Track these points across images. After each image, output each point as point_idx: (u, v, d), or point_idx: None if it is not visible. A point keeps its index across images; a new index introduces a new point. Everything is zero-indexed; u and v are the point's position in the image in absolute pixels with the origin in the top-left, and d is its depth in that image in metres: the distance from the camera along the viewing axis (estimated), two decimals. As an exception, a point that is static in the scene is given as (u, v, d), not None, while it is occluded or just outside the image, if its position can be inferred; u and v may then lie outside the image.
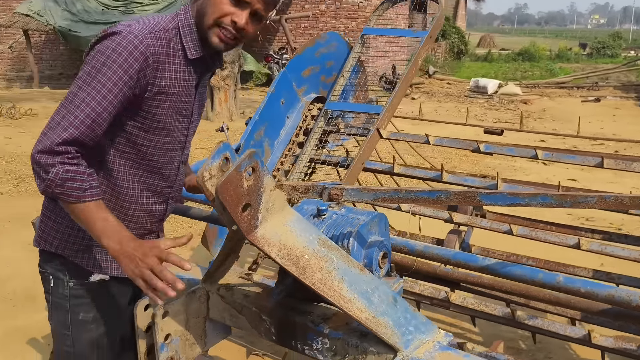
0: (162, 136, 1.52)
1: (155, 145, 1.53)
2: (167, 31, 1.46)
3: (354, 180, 2.68)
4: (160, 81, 1.45)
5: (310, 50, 3.09)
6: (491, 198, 1.41)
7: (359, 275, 1.40)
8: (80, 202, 1.36)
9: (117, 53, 1.36)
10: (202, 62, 1.55)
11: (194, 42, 1.49)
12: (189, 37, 1.48)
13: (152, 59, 1.40)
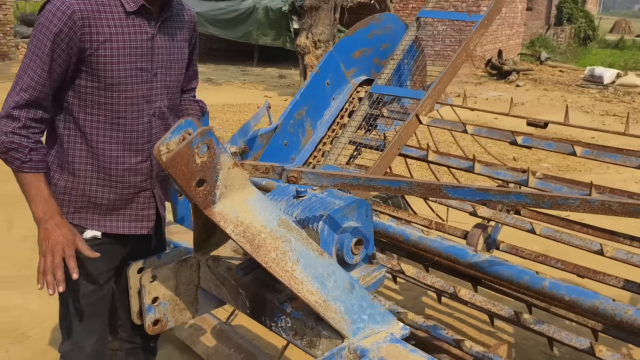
0: (120, 91, 1.57)
1: (118, 102, 1.58)
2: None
3: (387, 165, 2.64)
4: (96, 37, 1.50)
5: (362, 32, 3.06)
6: (458, 192, 1.36)
7: (317, 259, 1.40)
8: (20, 171, 1.51)
9: (46, 19, 1.47)
10: (147, 13, 1.58)
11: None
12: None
13: (78, 18, 1.47)
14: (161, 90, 1.68)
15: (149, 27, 1.60)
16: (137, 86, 1.60)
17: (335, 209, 1.53)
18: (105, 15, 1.52)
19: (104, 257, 1.68)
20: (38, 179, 1.53)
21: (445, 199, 1.49)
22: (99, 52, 1.52)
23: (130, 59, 1.57)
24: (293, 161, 2.88)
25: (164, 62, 1.66)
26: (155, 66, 1.64)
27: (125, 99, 1.59)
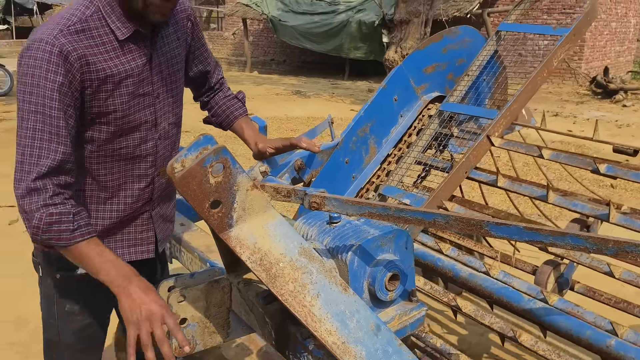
0: (123, 123, 1.44)
1: (120, 134, 1.44)
2: (84, 21, 1.35)
3: (452, 189, 2.45)
4: (95, 75, 1.35)
5: (436, 46, 2.89)
6: (502, 230, 1.17)
7: (339, 295, 1.27)
8: (72, 244, 1.30)
9: (37, 68, 1.28)
10: (141, 36, 1.42)
11: (122, 21, 1.38)
12: (114, 17, 1.37)
13: (74, 57, 1.31)
14: (166, 109, 1.55)
15: (145, 48, 1.45)
16: (140, 114, 1.47)
17: (369, 239, 1.39)
18: (99, 48, 1.36)
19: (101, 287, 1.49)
20: (95, 243, 1.33)
21: (487, 236, 1.30)
22: (101, 87, 1.38)
23: (132, 88, 1.43)
24: (354, 180, 2.75)
25: (164, 80, 1.52)
26: (157, 87, 1.49)
27: (128, 129, 1.45)
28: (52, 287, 1.58)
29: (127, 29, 1.39)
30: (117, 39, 1.39)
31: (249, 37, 17.69)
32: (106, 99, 1.39)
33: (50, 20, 1.36)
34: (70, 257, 1.35)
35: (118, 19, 1.38)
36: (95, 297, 1.57)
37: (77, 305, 1.59)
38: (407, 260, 1.47)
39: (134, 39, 1.41)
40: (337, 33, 13.91)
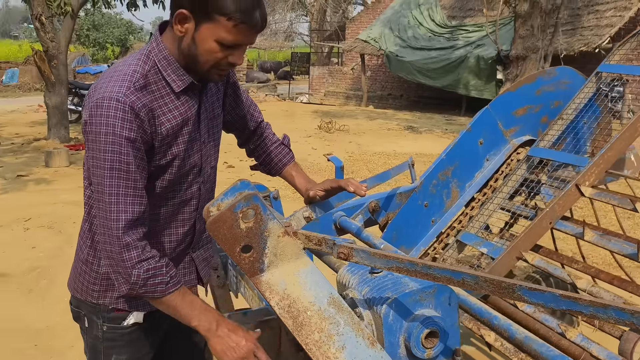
0: (179, 169, 1.50)
1: (170, 179, 1.50)
2: (145, 77, 1.40)
3: (534, 239, 2.31)
4: (162, 127, 1.42)
5: (528, 88, 2.77)
6: (536, 296, 1.09)
7: (366, 349, 1.24)
8: (166, 294, 1.39)
9: (110, 126, 1.33)
10: (193, 88, 1.49)
11: (177, 74, 1.44)
12: (170, 70, 1.43)
13: (143, 113, 1.37)
14: (209, 153, 1.62)
15: (195, 97, 1.52)
16: (191, 159, 1.53)
17: (406, 293, 1.34)
18: (161, 100, 1.43)
19: (147, 340, 1.64)
20: (185, 292, 1.42)
21: (520, 301, 1.21)
22: (164, 141, 1.44)
23: (187, 137, 1.50)
24: (434, 224, 2.67)
25: (208, 126, 1.59)
26: (203, 133, 1.56)
27: (179, 175, 1.52)
28: (99, 339, 1.61)
29: (183, 82, 1.45)
30: (173, 91, 1.45)
31: (367, 72, 17.93)
32: (170, 148, 1.46)
33: (111, 77, 1.39)
34: (161, 306, 1.42)
35: (174, 72, 1.44)
36: (142, 347, 1.64)
37: (124, 356, 1.62)
38: (450, 317, 1.40)
39: (187, 90, 1.48)
40: (454, 68, 13.72)
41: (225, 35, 1.36)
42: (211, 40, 1.38)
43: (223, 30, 1.36)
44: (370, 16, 19.26)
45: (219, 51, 1.39)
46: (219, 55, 1.40)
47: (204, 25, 1.37)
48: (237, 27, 1.36)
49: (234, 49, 1.41)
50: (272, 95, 19.95)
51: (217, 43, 1.38)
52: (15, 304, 3.57)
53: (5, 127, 11.61)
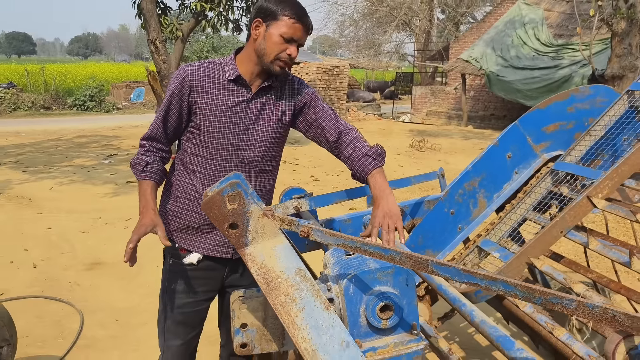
0: (213, 138, 2.00)
1: (211, 146, 2.01)
2: (212, 64, 2.04)
3: (545, 246, 2.44)
4: (200, 95, 1.98)
5: (560, 105, 2.89)
6: (443, 269, 1.34)
7: (321, 311, 1.52)
8: (139, 178, 1.99)
9: (171, 81, 2.04)
10: (242, 83, 2.02)
11: (232, 69, 2.01)
12: (230, 67, 2.02)
13: (189, 78, 1.98)
14: (252, 142, 2.06)
15: (246, 92, 2.02)
16: (227, 136, 2.02)
17: (365, 271, 1.61)
18: (210, 80, 2.01)
19: (200, 279, 2.09)
20: (147, 184, 1.98)
21: (432, 274, 1.43)
22: (201, 107, 1.99)
23: (224, 114, 2.00)
24: (460, 231, 2.86)
25: (256, 121, 2.05)
26: (247, 122, 2.03)
27: (216, 145, 2.02)
28: (167, 269, 2.16)
29: (230, 75, 2.01)
30: (227, 78, 2.01)
31: (470, 92, 17.77)
32: (204, 115, 2.00)
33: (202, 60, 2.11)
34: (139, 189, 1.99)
35: (231, 67, 2.03)
36: (196, 284, 2.12)
37: (181, 286, 2.12)
38: (407, 296, 1.64)
39: (238, 83, 2.02)
40: (557, 88, 13.30)
41: (286, 30, 1.94)
42: (276, 34, 1.95)
43: (285, 26, 1.94)
44: (474, 36, 19.11)
45: (281, 43, 1.95)
46: (281, 47, 1.95)
47: (272, 25, 1.96)
48: (294, 25, 1.94)
49: (290, 43, 1.96)
50: (373, 114, 20.31)
51: (280, 36, 1.94)
52: (107, 287, 4.17)
53: (126, 140, 12.94)
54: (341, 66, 19.14)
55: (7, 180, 8.08)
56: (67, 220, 5.90)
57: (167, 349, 2.20)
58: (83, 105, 22.98)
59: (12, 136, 14.04)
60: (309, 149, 11.42)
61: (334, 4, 25.34)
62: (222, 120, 2.01)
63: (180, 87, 1.99)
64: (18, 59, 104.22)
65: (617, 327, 1.16)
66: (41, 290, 4.07)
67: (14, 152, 11.02)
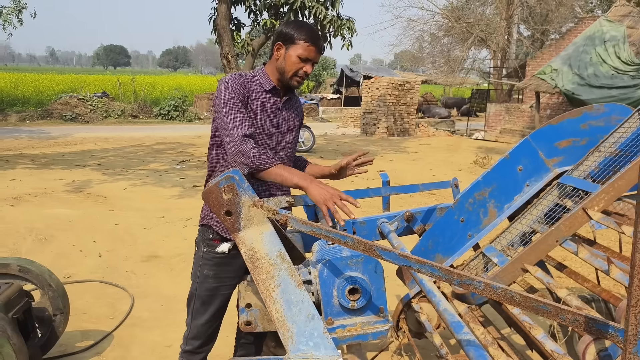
0: (259, 138, 2.33)
1: (257, 139, 2.30)
2: (248, 77, 2.38)
3: (539, 254, 2.57)
4: (252, 100, 2.32)
5: (572, 122, 3.01)
6: (386, 254, 1.57)
7: (294, 288, 1.78)
8: (274, 165, 2.17)
9: (225, 85, 2.28)
10: (276, 92, 2.40)
11: (266, 80, 2.39)
12: (263, 78, 2.39)
13: (241, 83, 2.31)
14: (284, 143, 2.44)
15: (277, 101, 2.40)
16: (268, 137, 2.38)
17: (338, 257, 1.87)
18: (253, 89, 2.37)
19: (228, 267, 2.40)
20: (286, 165, 2.26)
21: (378, 258, 1.65)
22: (252, 110, 2.34)
23: (265, 118, 2.36)
24: (470, 238, 3.02)
25: (285, 125, 2.43)
26: (280, 126, 2.41)
27: (260, 138, 2.36)
28: (200, 256, 2.48)
29: (269, 84, 2.40)
30: (264, 88, 2.39)
31: (547, 110, 17.38)
32: (250, 112, 2.32)
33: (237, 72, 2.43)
34: (271, 176, 2.19)
35: (265, 79, 2.41)
36: (224, 271, 2.43)
37: (211, 272, 2.45)
38: (376, 282, 1.88)
39: (272, 92, 2.40)
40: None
41: (302, 52, 2.32)
42: (294, 55, 2.33)
43: (301, 49, 2.32)
44: (552, 54, 18.70)
45: (298, 62, 2.33)
46: (298, 66, 2.34)
47: (291, 48, 2.34)
48: (309, 48, 2.32)
49: (306, 62, 2.35)
50: (444, 130, 20.23)
51: (298, 57, 2.32)
52: (158, 277, 4.62)
53: (200, 148, 13.71)
54: (412, 82, 19.24)
55: (89, 180, 8.88)
56: (134, 218, 6.48)
57: (193, 327, 2.52)
58: (167, 115, 24.35)
59: (101, 141, 15.19)
60: (371, 162, 11.66)
61: (410, 20, 25.48)
62: (266, 122, 2.36)
63: (241, 91, 2.29)
64: (114, 70, 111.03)
65: (515, 305, 1.36)
66: (102, 276, 4.58)
67: (99, 156, 11.98)
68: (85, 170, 9.94)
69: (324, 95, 34.20)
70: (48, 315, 2.87)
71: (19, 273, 2.79)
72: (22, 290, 2.72)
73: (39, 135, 16.56)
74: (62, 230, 5.85)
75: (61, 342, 3.24)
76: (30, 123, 21.18)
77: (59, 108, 23.22)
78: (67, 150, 13.04)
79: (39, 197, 7.41)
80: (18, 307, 2.60)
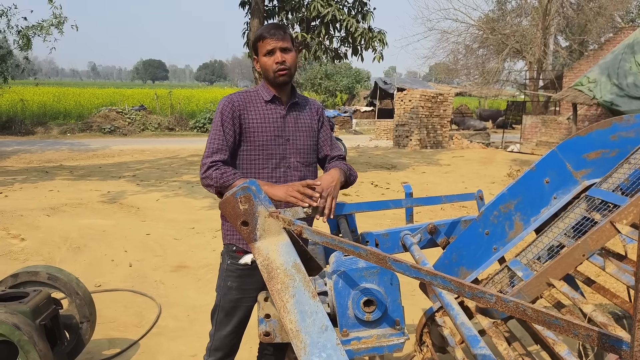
0: (262, 151, 2.36)
1: (261, 157, 2.38)
2: (249, 92, 2.47)
3: (565, 269, 2.52)
4: (246, 117, 2.37)
5: (601, 133, 2.94)
6: (398, 265, 1.57)
7: (308, 299, 1.78)
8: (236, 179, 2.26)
9: (219, 107, 2.40)
10: (278, 101, 2.45)
11: (266, 92, 2.45)
12: (264, 91, 2.46)
13: (236, 106, 2.38)
14: (293, 150, 2.44)
15: (281, 109, 2.42)
16: (274, 147, 2.39)
17: (353, 269, 1.86)
18: (251, 105, 2.39)
19: (251, 279, 2.41)
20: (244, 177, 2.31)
21: (390, 269, 1.63)
22: (249, 127, 2.36)
23: (268, 129, 2.38)
24: (495, 251, 2.97)
25: (293, 132, 2.43)
26: (287, 134, 2.42)
27: (265, 155, 2.38)
28: (224, 268, 2.52)
29: (268, 94, 2.45)
30: (264, 100, 2.43)
31: (585, 122, 17.00)
32: (252, 133, 2.39)
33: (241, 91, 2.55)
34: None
35: (265, 90, 2.47)
36: (247, 283, 2.44)
37: (234, 284, 2.47)
38: (392, 294, 1.86)
39: (274, 102, 2.45)
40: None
41: (263, 49, 2.40)
42: (262, 56, 2.42)
43: (262, 47, 2.41)
44: (590, 64, 18.32)
45: (268, 59, 2.40)
46: (269, 62, 2.40)
47: (258, 53, 2.44)
48: (265, 40, 2.39)
49: (272, 54, 2.39)
50: (478, 142, 19.99)
51: (263, 55, 2.40)
52: (186, 287, 4.68)
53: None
54: (445, 93, 19.10)
55: (123, 191, 9.08)
56: (164, 228, 6.59)
57: (216, 338, 2.54)
58: (202, 127, 24.75)
59: (138, 153, 15.52)
60: (403, 174, 11.59)
61: (444, 32, 25.35)
62: (268, 133, 2.38)
63: (229, 109, 2.37)
64: (152, 84, 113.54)
65: (527, 319, 1.33)
66: (131, 285, 4.66)
67: (134, 168, 12.25)
68: (120, 181, 10.17)
69: (358, 108, 34.24)
70: (75, 322, 2.94)
71: (48, 281, 2.87)
72: (50, 297, 2.79)
73: (79, 148, 17.03)
74: (95, 240, 5.99)
75: (89, 349, 3.31)
76: (71, 136, 21.81)
77: (98, 121, 23.87)
78: (104, 162, 13.38)
79: (75, 208, 7.61)
80: (46, 314, 2.67)
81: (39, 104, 27.08)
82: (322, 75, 38.64)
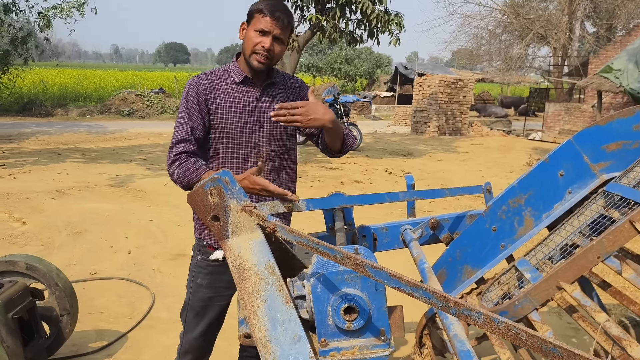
0: (232, 139, 2.12)
1: (231, 146, 2.14)
2: (217, 72, 2.20)
3: (579, 271, 2.30)
4: (213, 101, 2.12)
5: (623, 122, 2.69)
6: (376, 273, 1.37)
7: (281, 305, 1.59)
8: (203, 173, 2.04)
9: (185, 91, 2.16)
10: (250, 83, 2.19)
11: (237, 72, 2.18)
12: (235, 71, 2.19)
13: (202, 88, 2.13)
14: (267, 138, 2.19)
15: (254, 91, 2.17)
16: (244, 135, 2.15)
17: (333, 272, 1.66)
18: (220, 87, 2.14)
19: (223, 276, 2.22)
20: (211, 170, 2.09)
21: (368, 276, 1.43)
22: (216, 112, 2.12)
23: (238, 115, 2.13)
24: (503, 249, 2.75)
25: (267, 117, 2.17)
26: (260, 119, 2.17)
27: (236, 144, 2.15)
28: (194, 264, 2.33)
29: (240, 75, 2.18)
30: (235, 81, 2.17)
31: (610, 111, 16.47)
32: (220, 119, 2.14)
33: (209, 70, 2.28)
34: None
35: (236, 71, 2.20)
36: (218, 280, 2.26)
37: (204, 281, 2.28)
38: (376, 301, 1.66)
39: (246, 84, 2.19)
40: None
41: (258, 24, 2.10)
42: (252, 30, 2.12)
43: (257, 21, 2.11)
44: (617, 50, 17.73)
45: (257, 36, 2.11)
46: (256, 40, 2.12)
47: (250, 24, 2.14)
48: (264, 18, 2.10)
49: (264, 35, 2.11)
50: (499, 130, 19.55)
51: (255, 32, 2.11)
52: (182, 277, 4.45)
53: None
54: (466, 79, 18.67)
55: (132, 174, 8.98)
56: (169, 214, 6.45)
57: (185, 340, 2.33)
58: (220, 111, 24.60)
59: (154, 137, 15.46)
60: (419, 161, 11.32)
61: (466, 17, 24.75)
62: (239, 120, 2.14)
63: (194, 93, 2.13)
64: (173, 68, 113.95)
65: (520, 344, 1.12)
66: (128, 273, 4.53)
67: (147, 151, 12.16)
68: (130, 164, 10.07)
69: (377, 93, 33.83)
70: (55, 315, 2.79)
71: (26, 271, 2.73)
72: (26, 288, 2.65)
73: (97, 130, 17.04)
74: (97, 224, 5.88)
75: (74, 341, 3.18)
76: (90, 118, 21.86)
77: (116, 103, 23.88)
78: (121, 145, 13.32)
79: (81, 191, 7.52)
80: (20, 307, 2.53)
81: (59, 86, 27.20)
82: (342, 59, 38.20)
